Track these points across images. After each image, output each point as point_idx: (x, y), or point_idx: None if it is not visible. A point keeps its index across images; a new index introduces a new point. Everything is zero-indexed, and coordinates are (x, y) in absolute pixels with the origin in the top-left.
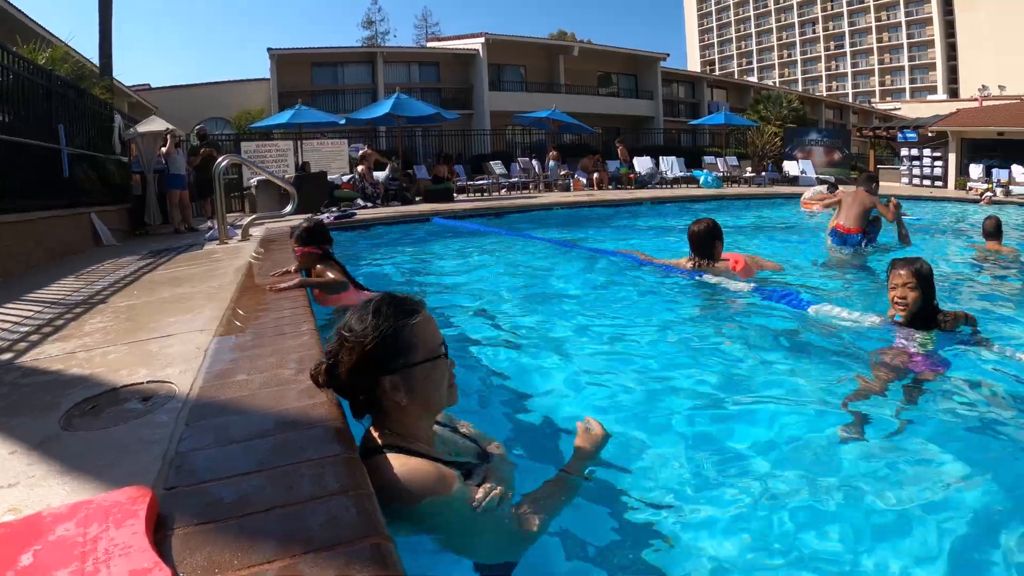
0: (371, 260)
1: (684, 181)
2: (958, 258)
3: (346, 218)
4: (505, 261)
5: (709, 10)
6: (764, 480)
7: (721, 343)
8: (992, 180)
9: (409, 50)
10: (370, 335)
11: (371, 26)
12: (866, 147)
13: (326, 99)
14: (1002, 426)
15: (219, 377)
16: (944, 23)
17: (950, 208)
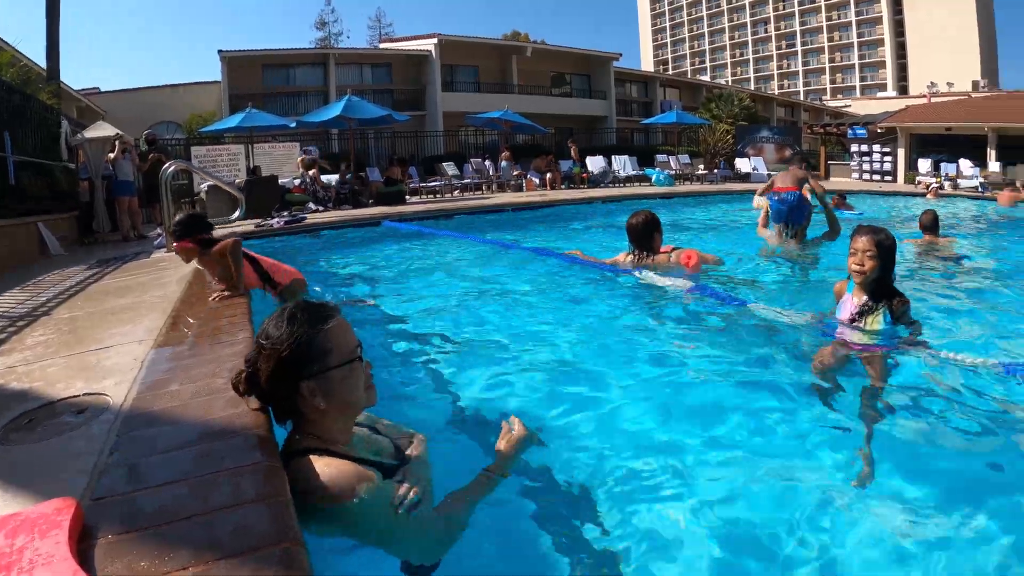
0: (320, 264)
1: (637, 180)
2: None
3: (296, 222)
4: (451, 263)
5: (662, 10)
6: (702, 476)
7: (658, 341)
8: (940, 174)
9: (361, 51)
10: (286, 342)
11: (324, 27)
12: (817, 144)
13: (278, 101)
14: (935, 419)
15: (152, 388)
16: (894, 22)
17: (898, 202)
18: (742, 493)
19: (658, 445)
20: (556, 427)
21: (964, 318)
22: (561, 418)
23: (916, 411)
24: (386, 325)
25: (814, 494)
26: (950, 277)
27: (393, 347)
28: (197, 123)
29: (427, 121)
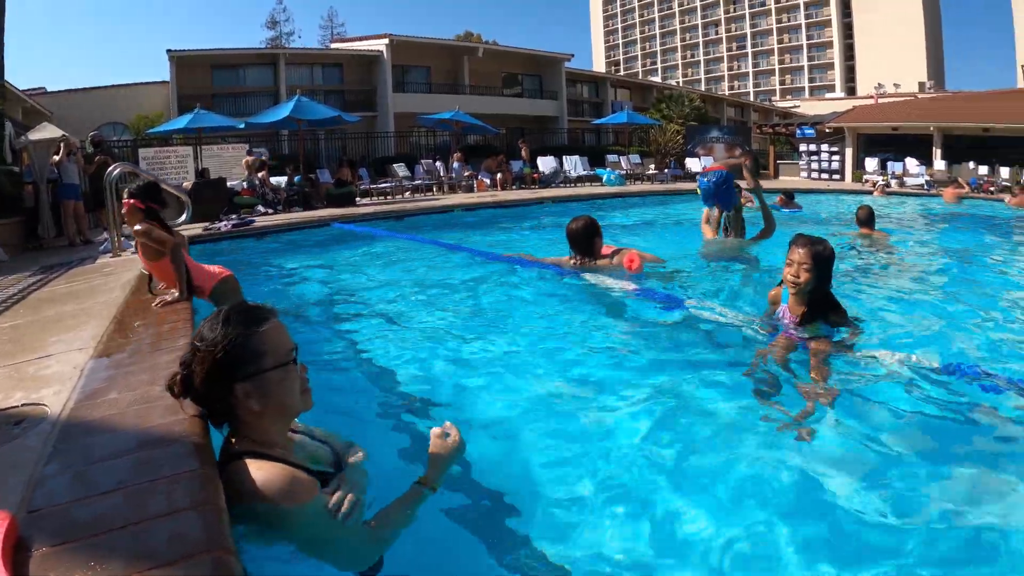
0: (268, 268)
1: (587, 180)
2: (833, 245)
3: (244, 225)
4: (399, 265)
5: (615, 12)
6: (644, 475)
7: (600, 341)
8: (887, 173)
9: (312, 51)
10: (220, 344)
11: (275, 26)
12: (766, 144)
13: (227, 102)
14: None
15: (91, 397)
16: (842, 25)
17: (846, 200)
18: (686, 492)
19: (597, 444)
20: (495, 429)
21: (898, 307)
22: (501, 421)
23: (861, 404)
24: (329, 328)
25: (756, 487)
26: (885, 268)
27: (335, 350)
28: (145, 124)
29: (378, 122)
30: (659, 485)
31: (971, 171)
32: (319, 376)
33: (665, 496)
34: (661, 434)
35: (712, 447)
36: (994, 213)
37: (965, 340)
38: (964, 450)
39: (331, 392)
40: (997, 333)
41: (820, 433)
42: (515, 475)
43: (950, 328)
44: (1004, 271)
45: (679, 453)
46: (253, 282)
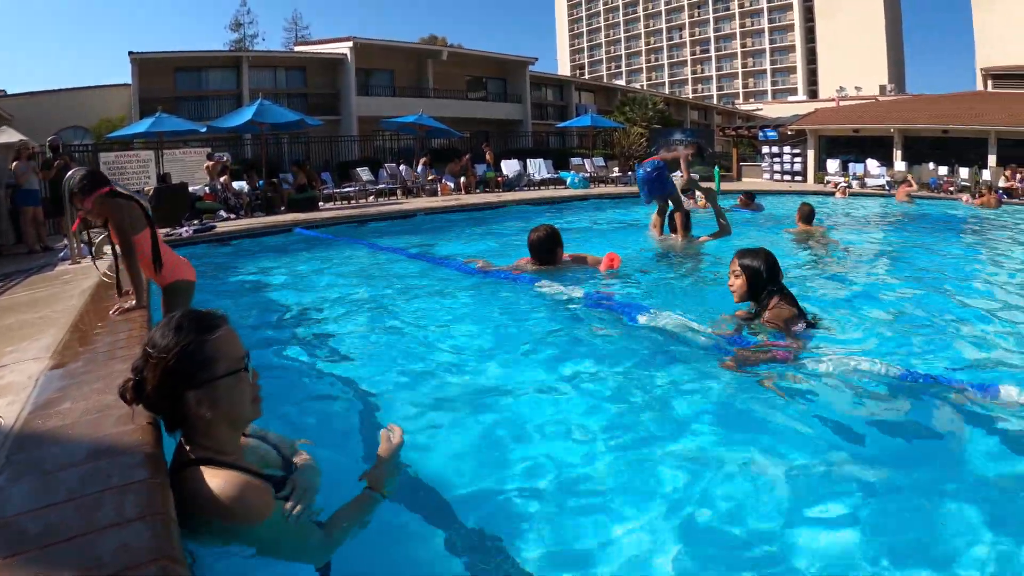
0: (229, 274)
1: (551, 183)
2: (773, 239)
3: (206, 231)
4: (358, 271)
5: (580, 15)
6: (600, 479)
7: (552, 346)
8: (848, 174)
9: (275, 54)
10: (172, 351)
11: (239, 29)
12: (729, 146)
13: (190, 105)
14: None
15: (44, 407)
16: (805, 29)
17: (807, 201)
18: (638, 492)
19: (552, 449)
20: (444, 434)
21: (836, 297)
22: (451, 425)
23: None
24: (286, 333)
25: (708, 487)
26: (822, 259)
27: (291, 355)
28: (107, 128)
29: (342, 126)
30: (610, 486)
31: (931, 172)
32: (276, 381)
33: (617, 497)
34: (612, 435)
35: (664, 449)
36: (948, 213)
37: (888, 328)
38: (909, 450)
39: (286, 396)
40: (913, 325)
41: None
42: (467, 477)
43: (872, 317)
44: (941, 265)
45: (632, 455)
46: (214, 288)
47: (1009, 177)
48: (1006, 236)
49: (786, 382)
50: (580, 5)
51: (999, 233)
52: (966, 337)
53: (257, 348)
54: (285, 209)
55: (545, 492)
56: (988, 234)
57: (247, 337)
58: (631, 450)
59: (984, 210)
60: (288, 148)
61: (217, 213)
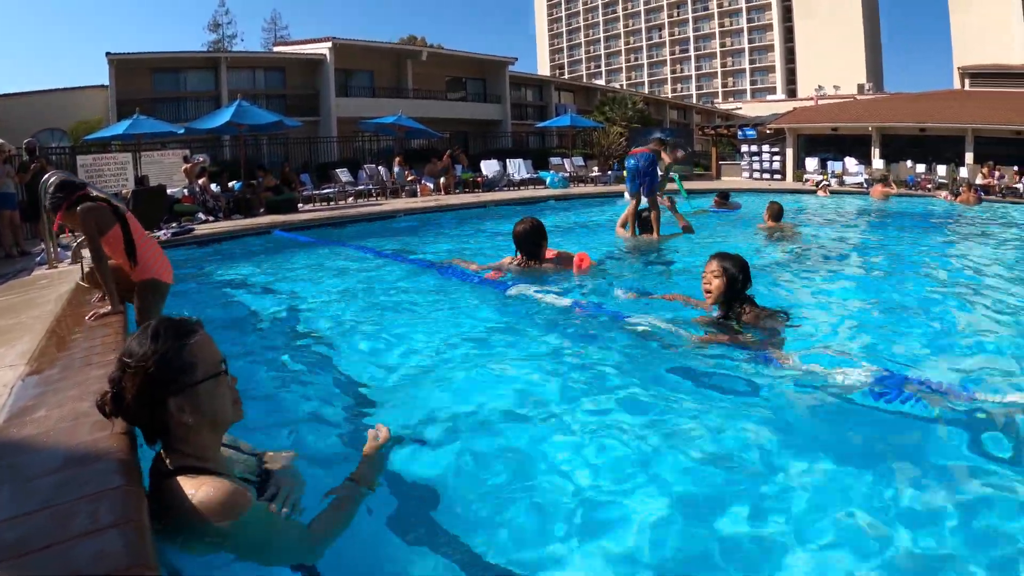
0: (207, 277)
1: (531, 183)
2: (745, 236)
3: (184, 233)
4: (336, 274)
5: (559, 15)
6: (578, 478)
7: (528, 348)
8: (827, 172)
9: (254, 55)
10: (151, 358)
11: (218, 29)
12: (708, 145)
13: (168, 107)
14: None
15: (20, 415)
16: (784, 29)
17: (786, 199)
18: (622, 493)
19: (533, 449)
20: (429, 434)
21: (802, 292)
22: (437, 423)
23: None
24: (267, 337)
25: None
26: (789, 255)
27: (271, 358)
28: (84, 130)
29: (321, 127)
30: (591, 487)
31: (909, 169)
32: (256, 384)
33: (598, 496)
34: (594, 437)
35: (644, 450)
36: (927, 209)
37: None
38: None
39: (267, 400)
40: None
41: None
42: (450, 478)
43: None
44: (914, 261)
45: (612, 455)
46: (192, 291)
47: (986, 174)
48: (978, 231)
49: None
50: (560, 5)
51: (972, 228)
52: (932, 332)
53: (236, 351)
54: (264, 211)
55: (532, 491)
56: (964, 230)
57: (225, 340)
58: (621, 450)
59: (964, 207)
60: (267, 149)
61: (195, 216)
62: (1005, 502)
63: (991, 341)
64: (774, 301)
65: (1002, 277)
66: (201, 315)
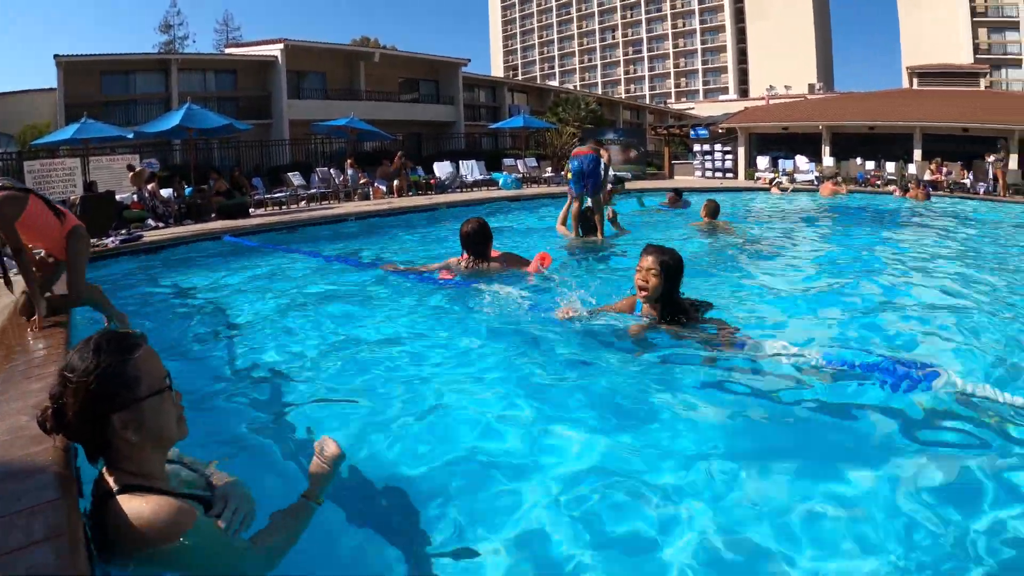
0: (156, 285)
1: (484, 184)
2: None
3: (133, 241)
4: (288, 279)
5: (513, 17)
6: (528, 475)
7: (483, 346)
8: (779, 170)
9: (205, 57)
10: (93, 373)
11: (169, 30)
12: (661, 145)
13: (117, 110)
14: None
15: None
16: (736, 30)
17: (738, 197)
18: (575, 488)
19: (480, 444)
20: (378, 440)
21: (734, 285)
22: (382, 429)
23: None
24: (216, 346)
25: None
26: (724, 250)
27: (221, 369)
28: (33, 135)
29: (273, 129)
30: (539, 480)
31: (858, 166)
32: (205, 399)
33: (549, 489)
34: (544, 428)
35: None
36: (874, 205)
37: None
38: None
39: (214, 412)
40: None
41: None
42: (400, 482)
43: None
44: (853, 254)
45: (561, 445)
46: (141, 300)
47: (934, 171)
48: (919, 223)
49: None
50: (514, 6)
51: (917, 220)
52: (869, 320)
53: (182, 363)
54: (215, 216)
55: (488, 486)
56: (907, 222)
57: (173, 352)
58: (564, 445)
59: (914, 203)
60: (219, 153)
61: (145, 222)
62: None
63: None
64: (705, 293)
65: (943, 266)
66: (149, 324)
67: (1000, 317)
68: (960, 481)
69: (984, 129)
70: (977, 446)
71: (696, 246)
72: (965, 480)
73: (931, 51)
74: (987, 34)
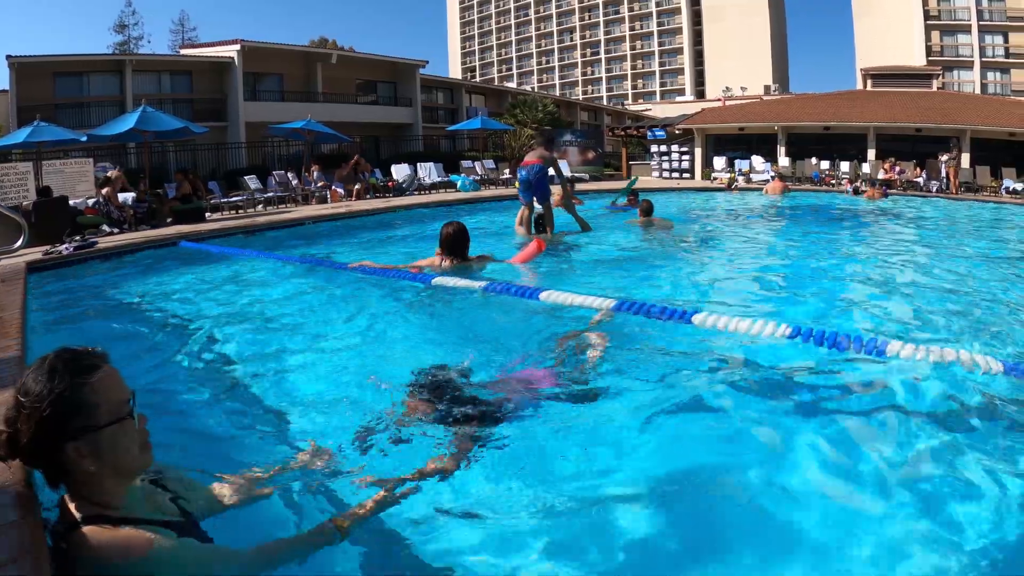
0: (112, 294)
1: (442, 186)
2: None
3: (88, 247)
4: (249, 284)
5: (471, 18)
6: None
7: (465, 339)
8: (735, 170)
9: (160, 58)
10: (46, 399)
11: (124, 31)
12: (619, 145)
13: (71, 113)
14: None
15: None
16: (693, 32)
17: (696, 197)
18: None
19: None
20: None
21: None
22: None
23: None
24: (172, 358)
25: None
26: (656, 245)
27: (185, 381)
28: None
29: (229, 132)
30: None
31: (814, 166)
32: (170, 411)
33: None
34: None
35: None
36: (826, 203)
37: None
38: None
39: (187, 428)
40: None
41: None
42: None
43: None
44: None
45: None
46: (96, 310)
47: (887, 170)
48: (870, 220)
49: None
50: (472, 8)
51: (864, 219)
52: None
53: (143, 376)
54: (172, 221)
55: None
56: (859, 220)
57: (134, 365)
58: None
59: (870, 202)
60: (174, 156)
61: (100, 228)
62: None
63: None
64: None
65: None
66: (106, 335)
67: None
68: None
69: (937, 129)
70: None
71: (634, 239)
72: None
73: (885, 53)
74: (939, 36)
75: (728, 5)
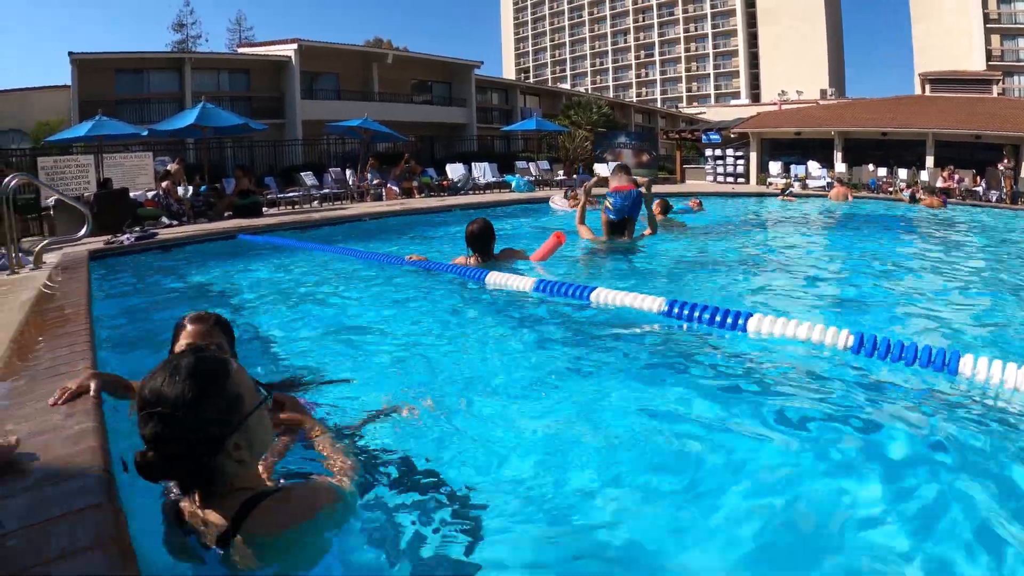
0: (172, 283)
1: (497, 186)
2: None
3: (148, 238)
4: (304, 276)
5: (525, 20)
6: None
7: (508, 337)
8: (791, 176)
9: (219, 56)
10: (200, 400)
11: (182, 30)
12: (673, 149)
13: (131, 108)
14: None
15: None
16: (748, 35)
17: (749, 202)
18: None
19: (513, 436)
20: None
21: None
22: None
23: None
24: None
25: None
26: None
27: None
28: (46, 132)
29: (286, 130)
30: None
31: (871, 173)
32: None
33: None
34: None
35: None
36: (881, 211)
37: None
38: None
39: None
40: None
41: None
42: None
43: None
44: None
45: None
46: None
47: (947, 178)
48: (926, 229)
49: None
50: (526, 9)
51: (923, 227)
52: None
53: None
54: (229, 215)
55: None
56: (918, 230)
57: None
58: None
59: (929, 211)
60: (232, 152)
61: (159, 220)
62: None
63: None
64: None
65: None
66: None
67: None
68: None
69: (996, 136)
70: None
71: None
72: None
73: (943, 57)
74: (1000, 41)
75: (784, 7)
